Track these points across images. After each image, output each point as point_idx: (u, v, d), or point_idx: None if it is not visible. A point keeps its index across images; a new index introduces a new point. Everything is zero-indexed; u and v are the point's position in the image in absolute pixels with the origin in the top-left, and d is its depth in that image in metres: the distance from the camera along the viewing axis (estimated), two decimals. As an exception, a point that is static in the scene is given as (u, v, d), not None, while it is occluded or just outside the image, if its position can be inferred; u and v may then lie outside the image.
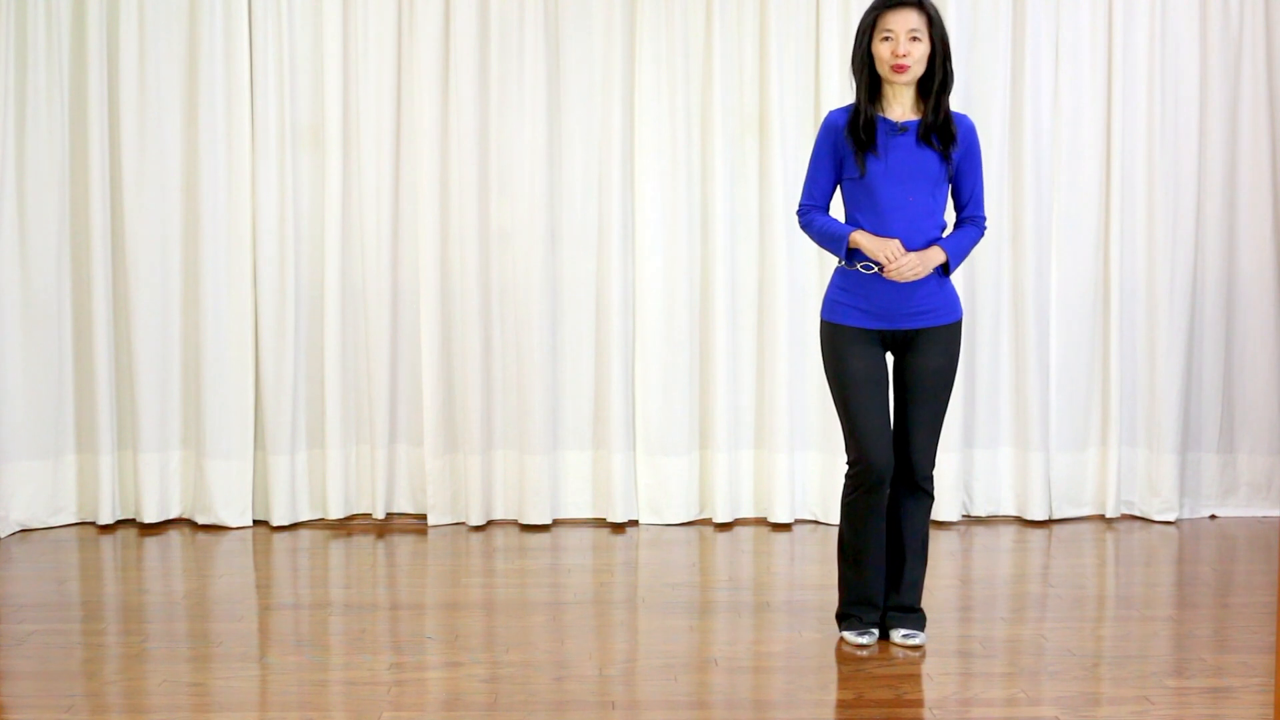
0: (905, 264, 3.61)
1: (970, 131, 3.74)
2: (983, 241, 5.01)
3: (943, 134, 3.67)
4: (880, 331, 3.72)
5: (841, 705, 3.37)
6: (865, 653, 3.73)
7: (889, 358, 3.79)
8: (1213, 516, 5.44)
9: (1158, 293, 5.30)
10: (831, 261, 5.23)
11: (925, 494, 3.80)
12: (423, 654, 3.75)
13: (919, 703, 3.37)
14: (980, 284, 5.29)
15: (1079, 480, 5.39)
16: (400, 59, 5.23)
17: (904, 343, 3.75)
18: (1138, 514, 5.39)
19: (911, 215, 3.65)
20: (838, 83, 5.18)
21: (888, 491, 3.74)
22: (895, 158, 3.65)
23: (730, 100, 5.25)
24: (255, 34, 5.18)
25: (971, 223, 3.79)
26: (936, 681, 3.52)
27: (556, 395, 5.32)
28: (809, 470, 5.35)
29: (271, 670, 3.62)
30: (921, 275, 3.64)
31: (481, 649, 3.80)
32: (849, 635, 3.81)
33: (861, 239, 3.66)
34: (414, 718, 3.29)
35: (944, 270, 3.71)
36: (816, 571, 4.64)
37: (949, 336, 3.74)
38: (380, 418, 5.28)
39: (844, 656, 3.72)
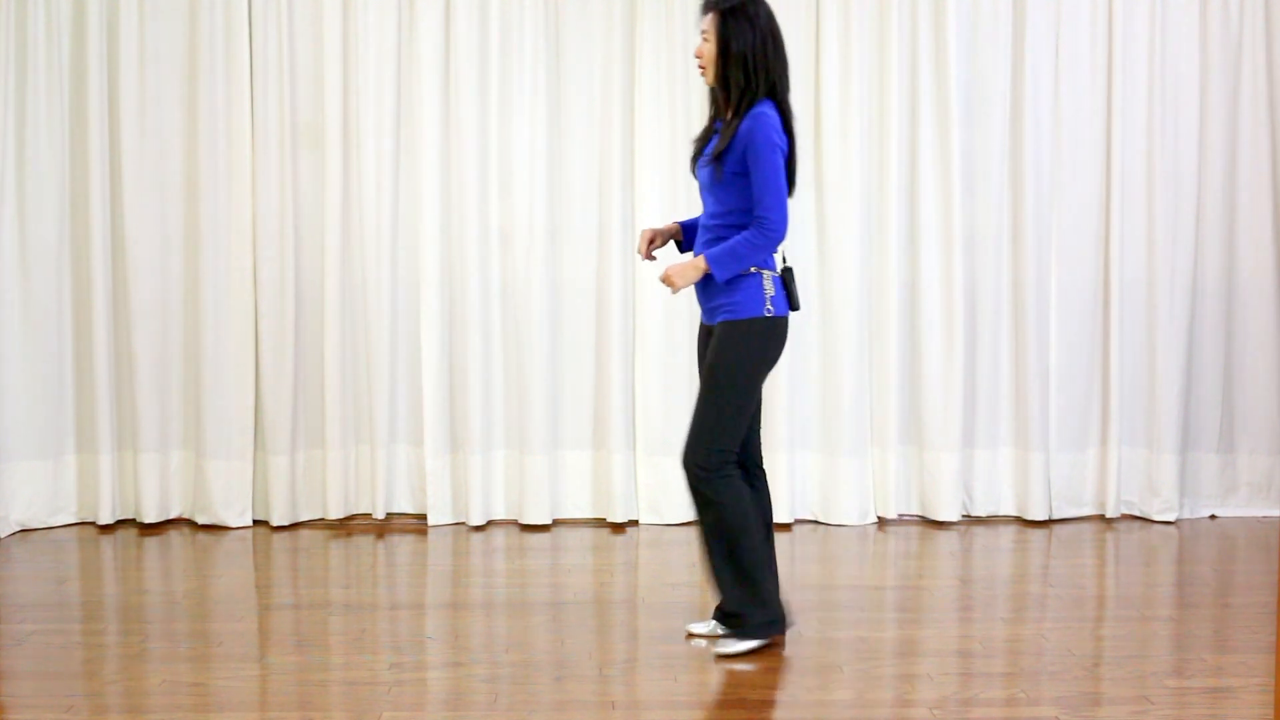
0: (672, 273, 3.69)
1: (749, 132, 3.61)
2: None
3: (724, 136, 3.67)
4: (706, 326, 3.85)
5: (842, 705, 3.37)
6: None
7: None
8: (1213, 516, 5.44)
9: (1158, 293, 5.30)
10: (835, 262, 5.26)
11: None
12: (423, 654, 3.75)
13: (919, 703, 3.37)
14: (980, 284, 5.29)
15: (1079, 480, 5.39)
16: (400, 59, 5.23)
17: None
18: (1138, 514, 5.40)
19: (703, 222, 3.78)
20: (838, 83, 5.18)
21: None
22: (700, 164, 3.76)
23: (730, 100, 5.24)
24: (255, 34, 5.18)
25: (755, 224, 3.66)
26: (936, 681, 3.52)
27: (556, 395, 5.32)
28: (809, 470, 5.35)
29: (271, 670, 3.62)
30: (690, 282, 3.68)
31: (481, 649, 3.80)
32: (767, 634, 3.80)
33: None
34: (414, 718, 3.29)
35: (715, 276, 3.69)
36: (816, 571, 4.64)
37: (723, 334, 3.71)
38: (380, 418, 5.28)
39: (844, 656, 3.72)
